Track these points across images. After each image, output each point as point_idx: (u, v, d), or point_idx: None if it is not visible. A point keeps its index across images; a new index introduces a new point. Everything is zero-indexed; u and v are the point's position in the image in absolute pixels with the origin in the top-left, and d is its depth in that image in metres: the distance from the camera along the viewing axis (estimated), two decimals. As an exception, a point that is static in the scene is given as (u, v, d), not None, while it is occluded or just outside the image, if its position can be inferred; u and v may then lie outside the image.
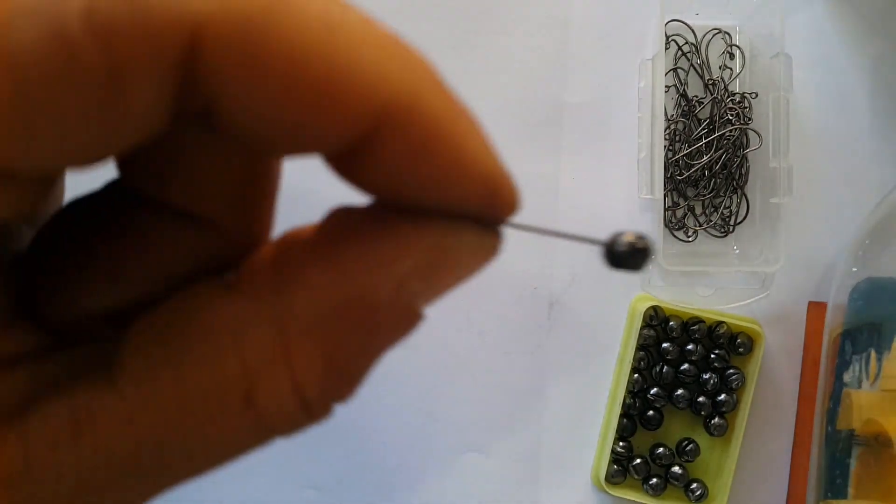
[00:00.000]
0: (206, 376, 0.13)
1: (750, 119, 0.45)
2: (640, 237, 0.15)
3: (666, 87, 0.45)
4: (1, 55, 0.10)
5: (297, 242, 0.14)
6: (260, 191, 0.15)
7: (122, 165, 0.14)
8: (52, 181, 0.14)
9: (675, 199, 0.46)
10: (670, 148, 0.45)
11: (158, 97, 0.11)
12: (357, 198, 0.14)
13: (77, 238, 0.14)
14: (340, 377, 0.14)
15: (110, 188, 0.15)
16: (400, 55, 0.12)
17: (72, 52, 0.10)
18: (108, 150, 0.11)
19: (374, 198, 0.14)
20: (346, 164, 0.13)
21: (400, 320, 0.14)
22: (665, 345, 0.44)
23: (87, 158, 0.11)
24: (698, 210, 0.46)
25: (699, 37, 0.46)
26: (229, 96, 0.11)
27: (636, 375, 0.44)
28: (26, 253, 0.15)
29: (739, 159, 0.45)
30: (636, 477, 0.44)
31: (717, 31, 0.46)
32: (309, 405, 0.14)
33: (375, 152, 0.12)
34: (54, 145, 0.11)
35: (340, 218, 0.14)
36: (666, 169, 0.44)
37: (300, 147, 0.12)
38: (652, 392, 0.44)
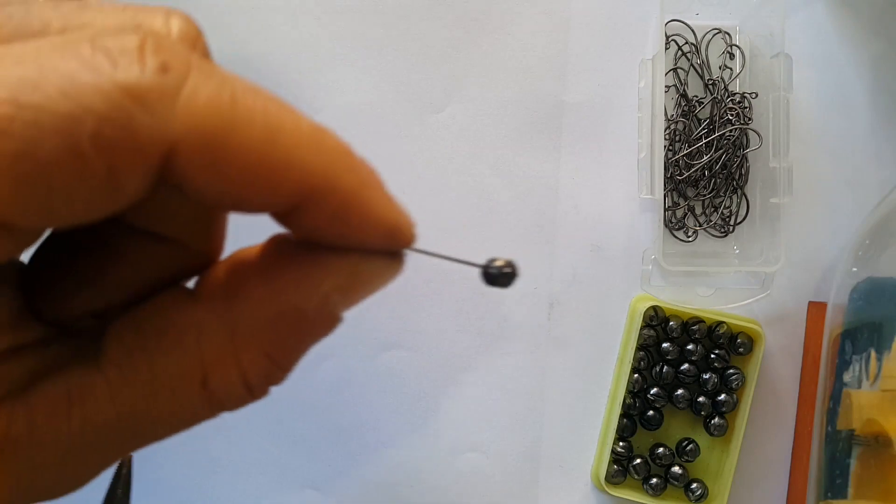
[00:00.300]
0: (171, 365, 0.17)
1: (750, 119, 0.45)
2: (509, 263, 0.19)
3: (666, 87, 0.45)
4: (33, 160, 0.14)
5: (244, 262, 0.18)
6: (214, 221, 0.19)
7: None
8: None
9: (675, 199, 0.46)
10: (670, 148, 0.45)
11: (142, 184, 0.15)
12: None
13: (68, 252, 0.18)
14: (277, 367, 0.18)
15: None
16: (321, 146, 0.16)
17: (83, 160, 0.14)
18: (102, 216, 0.15)
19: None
20: (283, 220, 0.17)
21: (324, 324, 0.18)
22: (665, 345, 0.44)
23: (86, 220, 0.15)
24: (698, 210, 0.46)
25: (699, 37, 0.46)
26: (194, 184, 0.15)
27: (636, 375, 0.44)
28: (29, 262, 0.18)
29: (739, 159, 0.45)
30: (636, 477, 0.44)
31: (717, 31, 0.46)
32: (251, 388, 0.18)
33: (304, 215, 0.17)
34: (65, 215, 0.15)
35: (278, 243, 0.18)
36: (666, 169, 0.44)
37: (245, 210, 0.17)
38: (652, 392, 0.44)
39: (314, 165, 0.16)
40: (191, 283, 0.19)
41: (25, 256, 0.18)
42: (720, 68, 0.46)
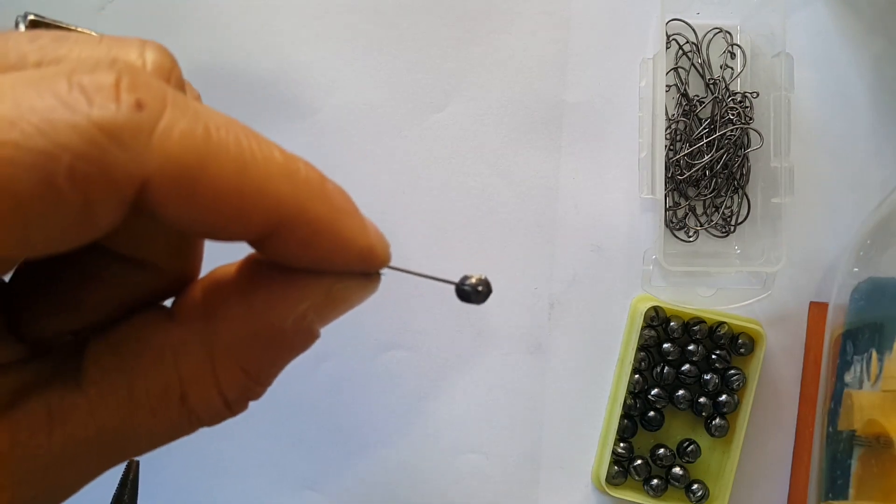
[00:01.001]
0: (150, 383, 0.18)
1: (751, 119, 0.45)
2: (482, 281, 0.20)
3: (667, 86, 0.45)
4: (9, 195, 0.14)
5: (221, 281, 0.19)
6: (191, 245, 0.20)
7: None
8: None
9: (676, 198, 0.46)
10: (671, 147, 0.45)
11: (116, 216, 0.15)
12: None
13: (47, 274, 0.19)
14: (255, 382, 0.18)
15: None
16: (292, 176, 0.17)
17: (58, 194, 0.14)
18: (77, 245, 0.16)
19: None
20: (257, 246, 0.18)
21: (301, 340, 0.19)
22: (666, 345, 0.43)
23: (62, 250, 0.16)
24: (699, 210, 0.46)
25: (700, 36, 0.46)
26: (167, 214, 0.16)
27: (637, 376, 0.43)
28: (9, 283, 0.19)
29: (740, 159, 0.45)
30: (637, 478, 0.44)
31: (717, 31, 0.46)
32: (230, 404, 0.18)
33: (277, 242, 0.17)
34: (41, 245, 0.15)
35: (255, 262, 0.19)
36: (667, 169, 0.44)
37: (219, 238, 0.17)
38: (653, 393, 0.43)
39: (285, 195, 0.17)
40: (169, 302, 0.19)
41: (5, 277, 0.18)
42: (721, 67, 0.46)
